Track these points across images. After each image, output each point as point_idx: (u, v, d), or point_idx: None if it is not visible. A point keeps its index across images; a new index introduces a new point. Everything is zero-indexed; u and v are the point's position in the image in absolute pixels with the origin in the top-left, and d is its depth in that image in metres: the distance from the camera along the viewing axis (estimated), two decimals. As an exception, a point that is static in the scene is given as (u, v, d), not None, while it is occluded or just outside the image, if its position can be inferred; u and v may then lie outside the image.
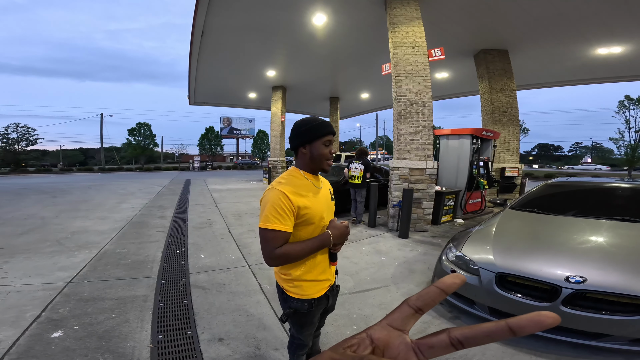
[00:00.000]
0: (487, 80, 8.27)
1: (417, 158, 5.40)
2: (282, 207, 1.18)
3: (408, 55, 5.44)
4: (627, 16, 6.20)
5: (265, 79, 12.76)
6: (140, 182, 15.09)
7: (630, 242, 2.38)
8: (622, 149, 22.59)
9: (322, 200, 1.31)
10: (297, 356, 1.62)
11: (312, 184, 1.30)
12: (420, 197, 5.38)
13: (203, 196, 9.88)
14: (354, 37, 8.18)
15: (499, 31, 7.34)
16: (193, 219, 6.39)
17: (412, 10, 5.47)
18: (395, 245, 4.63)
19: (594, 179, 3.83)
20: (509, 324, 0.22)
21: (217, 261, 3.92)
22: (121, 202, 8.49)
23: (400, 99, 5.45)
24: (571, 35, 7.27)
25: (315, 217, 1.25)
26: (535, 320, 0.22)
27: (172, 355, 2.01)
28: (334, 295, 1.48)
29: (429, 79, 5.41)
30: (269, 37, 8.52)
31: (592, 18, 6.41)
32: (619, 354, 1.92)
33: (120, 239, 4.87)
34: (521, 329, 0.22)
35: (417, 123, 5.41)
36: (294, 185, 1.24)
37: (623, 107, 22.50)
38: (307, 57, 9.96)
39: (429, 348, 0.24)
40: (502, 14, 6.51)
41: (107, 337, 2.19)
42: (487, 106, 8.45)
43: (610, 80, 10.55)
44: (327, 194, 1.39)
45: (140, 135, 34.04)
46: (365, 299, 2.89)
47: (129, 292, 2.96)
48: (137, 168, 29.86)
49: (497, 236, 2.68)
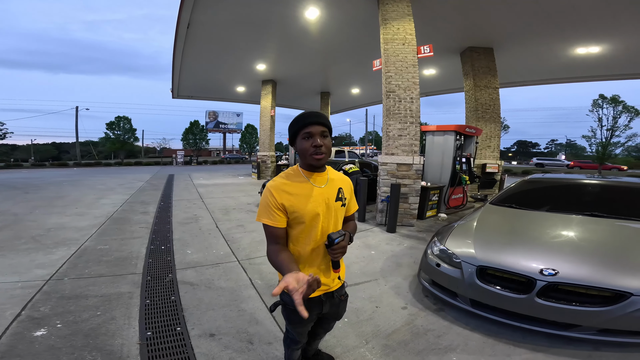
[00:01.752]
0: (472, 77, 8.46)
1: (404, 154, 5.48)
2: (269, 204, 1.20)
3: (398, 51, 5.48)
4: (608, 16, 6.45)
5: (254, 73, 12.54)
6: (120, 177, 14.56)
7: (598, 236, 2.52)
8: (594, 146, 23.71)
9: (318, 199, 1.24)
10: (292, 350, 1.61)
11: (306, 181, 1.25)
12: (407, 192, 5.47)
13: (188, 191, 9.65)
14: (346, 32, 8.16)
15: (485, 29, 7.51)
16: (178, 214, 6.24)
17: (404, 6, 5.50)
18: (384, 240, 4.70)
19: (567, 176, 4.01)
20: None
21: (205, 257, 3.85)
22: (100, 197, 8.17)
23: (389, 94, 5.50)
24: (553, 34, 7.53)
25: (305, 217, 1.21)
26: None
27: (162, 351, 1.97)
28: (335, 304, 1.40)
29: (417, 76, 5.47)
30: (260, 31, 8.37)
31: (574, 17, 6.65)
32: (588, 344, 2.03)
33: (101, 235, 4.69)
34: None
35: (405, 119, 5.47)
36: (282, 183, 1.23)
37: (597, 106, 23.48)
38: (299, 51, 9.85)
39: None
40: (489, 11, 6.66)
41: (94, 335, 2.11)
42: (470, 103, 8.66)
43: (587, 80, 11.03)
44: (332, 193, 1.29)
45: (120, 130, 32.77)
46: (355, 292, 2.92)
47: (113, 289, 2.86)
48: (116, 163, 28.77)
49: (477, 231, 2.77)
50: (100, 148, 38.42)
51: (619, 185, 3.38)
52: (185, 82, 14.10)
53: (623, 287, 1.88)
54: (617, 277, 1.95)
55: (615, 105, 22.72)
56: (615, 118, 22.64)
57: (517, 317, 2.13)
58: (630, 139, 22.82)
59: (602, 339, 1.92)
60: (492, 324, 2.30)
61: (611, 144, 22.74)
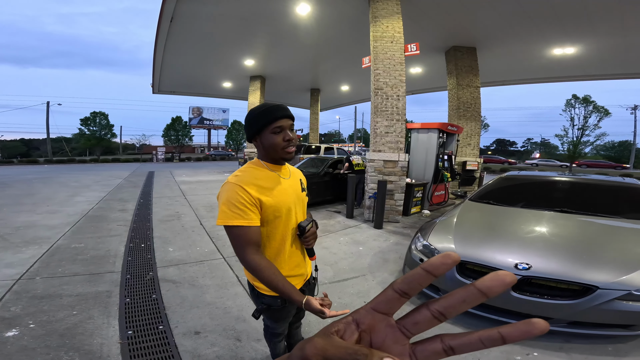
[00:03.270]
0: (455, 76, 8.62)
1: (391, 151, 5.53)
2: (241, 200, 1.09)
3: (387, 49, 5.51)
4: (583, 17, 6.73)
5: (242, 68, 12.27)
6: (96, 174, 13.92)
7: (567, 231, 2.63)
8: (566, 145, 24.67)
9: (289, 191, 1.22)
10: (274, 343, 1.60)
11: (276, 175, 1.21)
12: (392, 188, 5.52)
13: (170, 188, 9.35)
14: (337, 29, 8.13)
15: (470, 29, 7.68)
16: (159, 211, 6.03)
17: (394, 4, 5.53)
18: (371, 236, 4.72)
19: (541, 173, 4.16)
20: (502, 333, 0.22)
21: (188, 254, 3.73)
22: (74, 195, 7.77)
23: (377, 92, 5.53)
24: (533, 35, 7.80)
25: (281, 210, 1.17)
26: (524, 329, 0.21)
27: (145, 350, 1.88)
28: (311, 289, 1.40)
29: (404, 74, 5.53)
30: (249, 26, 8.20)
31: (552, 19, 6.91)
32: (559, 336, 2.11)
33: (75, 233, 4.46)
34: (510, 335, 0.22)
35: (392, 116, 5.52)
36: (253, 177, 1.15)
37: (569, 106, 24.44)
38: (290, 47, 9.72)
39: (422, 352, 0.24)
40: (474, 11, 6.81)
41: (70, 335, 1.99)
42: (453, 102, 8.84)
43: (562, 80, 11.52)
44: (297, 184, 1.30)
45: (96, 125, 31.25)
46: (344, 288, 2.92)
47: (90, 288, 2.71)
48: (91, 160, 27.46)
49: (457, 226, 2.84)
50: (73, 145, 36.53)
51: (586, 182, 3.55)
52: (167, 77, 13.62)
53: (589, 281, 1.95)
54: (584, 271, 2.03)
55: (587, 106, 23.78)
56: (586, 118, 23.68)
57: (494, 311, 2.20)
58: (599, 138, 23.94)
59: (571, 331, 2.00)
60: (472, 318, 2.36)
61: (581, 143, 23.76)
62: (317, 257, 1.40)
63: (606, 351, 2.00)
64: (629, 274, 1.95)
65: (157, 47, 9.87)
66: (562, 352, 1.98)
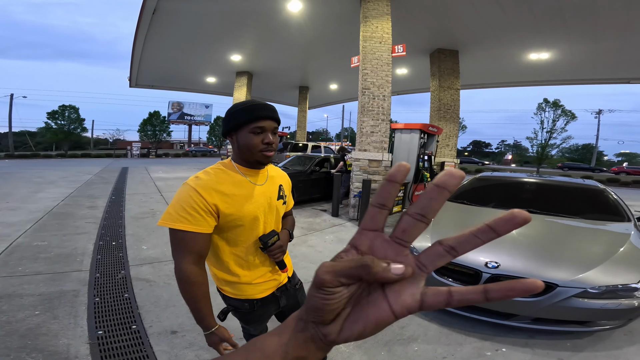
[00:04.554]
0: (438, 78, 8.82)
1: (375, 150, 5.57)
2: (193, 205, 0.98)
3: (375, 49, 5.55)
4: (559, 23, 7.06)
5: (228, 64, 11.93)
6: (62, 169, 13.06)
7: (533, 231, 2.74)
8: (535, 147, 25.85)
9: (258, 199, 1.11)
10: None
11: (245, 179, 1.10)
12: (377, 187, 5.55)
13: (144, 185, 8.93)
14: (328, 27, 8.10)
15: (454, 32, 7.89)
16: (132, 208, 5.73)
17: (384, 5, 5.57)
18: (355, 234, 4.73)
19: (511, 174, 4.35)
20: (489, 224, 0.24)
21: (163, 252, 3.55)
22: (37, 191, 7.23)
23: (365, 91, 5.56)
24: (512, 39, 8.13)
25: (244, 219, 1.06)
26: (508, 218, 0.23)
27: (117, 350, 1.75)
28: (291, 295, 1.28)
29: (390, 74, 5.59)
30: (237, 21, 7.99)
31: (530, 24, 7.20)
32: (525, 333, 2.21)
33: (37, 231, 4.14)
34: (499, 227, 0.23)
35: (378, 116, 5.57)
36: (215, 181, 1.04)
37: (540, 109, 25.56)
38: (279, 43, 9.56)
39: (426, 257, 0.25)
40: (459, 15, 7.01)
41: (32, 336, 1.83)
42: (435, 103, 9.04)
43: (536, 84, 12.07)
44: (272, 191, 1.17)
45: (64, 119, 29.40)
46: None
47: (54, 287, 2.51)
48: (58, 155, 25.82)
49: (434, 226, 2.89)
50: (38, 139, 34.17)
51: (551, 184, 3.72)
52: (147, 71, 13.01)
53: (550, 279, 2.01)
54: (546, 269, 2.10)
55: (556, 109, 25.11)
56: (554, 121, 24.95)
57: (467, 308, 2.26)
58: (565, 141, 25.33)
59: (535, 327, 2.09)
60: (447, 315, 2.43)
61: (549, 145, 25.02)
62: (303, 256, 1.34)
63: (565, 347, 2.09)
64: (585, 272, 2.03)
65: (137, 40, 9.43)
66: (527, 348, 2.06)
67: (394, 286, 0.25)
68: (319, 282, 0.25)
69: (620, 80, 10.61)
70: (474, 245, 0.24)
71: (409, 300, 0.25)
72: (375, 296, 0.25)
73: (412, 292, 0.25)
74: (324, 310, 0.25)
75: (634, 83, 10.52)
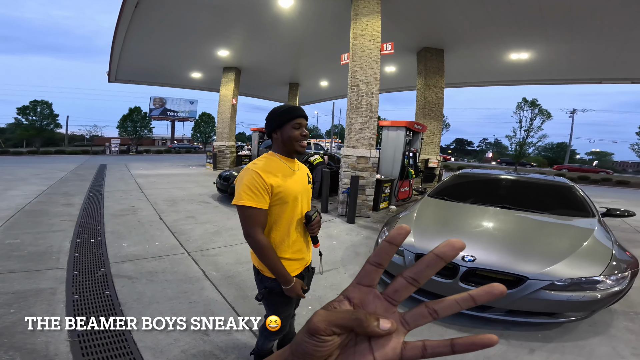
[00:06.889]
0: (424, 76, 8.97)
1: (364, 147, 5.60)
2: (256, 185, 1.22)
3: (365, 47, 5.57)
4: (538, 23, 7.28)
5: (215, 59, 11.64)
6: (34, 167, 12.39)
7: (507, 226, 2.86)
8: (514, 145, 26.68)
9: (297, 181, 1.36)
10: (269, 341, 1.56)
11: (287, 166, 1.35)
12: (364, 184, 5.60)
13: (124, 182, 8.60)
14: (319, 24, 8.04)
15: (440, 31, 8.02)
16: (111, 206, 5.51)
17: (374, 3, 5.59)
18: (344, 230, 4.76)
19: (488, 171, 4.50)
20: (471, 294, 0.27)
21: (145, 249, 3.45)
22: (7, 189, 6.83)
23: (354, 89, 5.57)
24: (495, 39, 8.36)
25: (289, 196, 1.30)
26: (487, 290, 0.27)
27: (99, 347, 1.68)
28: (310, 276, 1.53)
29: (378, 72, 5.63)
30: (225, 15, 7.79)
31: (512, 24, 7.43)
32: (500, 324, 2.30)
33: (9, 229, 3.92)
34: (479, 297, 0.27)
35: (366, 113, 5.60)
36: (268, 167, 1.29)
37: (519, 108, 26.41)
38: (269, 39, 9.39)
39: (411, 316, 0.29)
40: (446, 14, 7.13)
41: (8, 334, 1.74)
42: (420, 101, 9.19)
43: (516, 83, 12.41)
44: (304, 177, 1.45)
45: (36, 115, 27.91)
46: (318, 280, 2.89)
47: (30, 285, 2.38)
48: (29, 152, 24.50)
49: (416, 221, 2.98)
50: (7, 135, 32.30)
51: (524, 180, 3.89)
52: (127, 66, 12.50)
53: (521, 272, 2.10)
54: (517, 263, 2.18)
55: (533, 108, 26.01)
56: (532, 120, 25.88)
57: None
58: (541, 140, 26.31)
59: (509, 319, 2.18)
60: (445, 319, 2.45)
61: (526, 144, 25.92)
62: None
63: (537, 337, 2.18)
64: (551, 265, 2.13)
65: (117, 33, 9.04)
66: (502, 339, 2.13)
67: (379, 339, 0.27)
68: (313, 329, 0.26)
69: (592, 81, 11.08)
70: (453, 310, 0.28)
71: (390, 354, 0.27)
72: (362, 347, 0.27)
73: (394, 346, 0.27)
74: (314, 356, 0.26)
75: (605, 83, 11.04)
